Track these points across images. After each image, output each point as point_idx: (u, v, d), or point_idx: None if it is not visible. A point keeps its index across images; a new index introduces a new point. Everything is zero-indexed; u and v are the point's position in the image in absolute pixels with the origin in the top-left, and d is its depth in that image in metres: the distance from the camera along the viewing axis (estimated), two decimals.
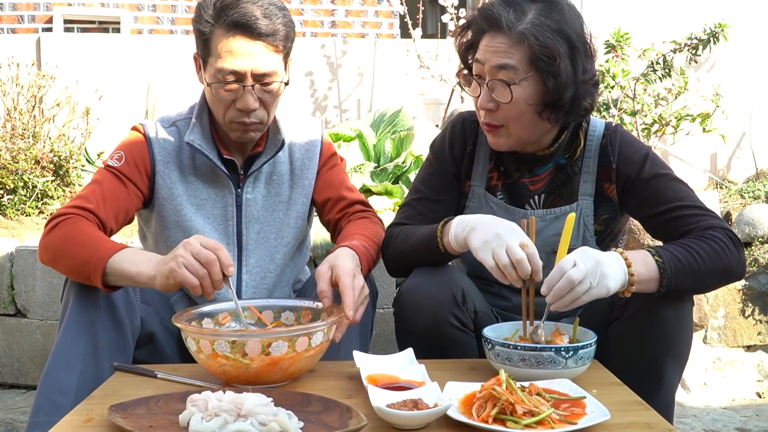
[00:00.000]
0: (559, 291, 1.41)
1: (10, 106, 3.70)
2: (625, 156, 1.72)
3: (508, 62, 1.61)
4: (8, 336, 2.81)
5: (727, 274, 1.57)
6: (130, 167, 1.78)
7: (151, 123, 1.85)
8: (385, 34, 5.61)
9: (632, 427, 1.22)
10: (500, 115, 1.66)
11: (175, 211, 1.80)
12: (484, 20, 1.65)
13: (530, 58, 1.60)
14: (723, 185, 4.21)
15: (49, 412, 1.49)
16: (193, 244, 1.46)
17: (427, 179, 1.85)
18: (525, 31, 1.59)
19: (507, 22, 1.60)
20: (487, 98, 1.65)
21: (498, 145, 1.72)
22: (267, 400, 1.19)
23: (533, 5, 1.63)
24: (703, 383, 2.84)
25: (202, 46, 1.72)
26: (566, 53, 1.60)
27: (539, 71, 1.60)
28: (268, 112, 1.75)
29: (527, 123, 1.66)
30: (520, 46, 1.60)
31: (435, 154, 1.87)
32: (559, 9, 1.63)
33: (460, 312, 1.63)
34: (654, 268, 1.50)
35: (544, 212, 1.76)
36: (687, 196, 1.66)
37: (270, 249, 1.87)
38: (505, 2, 1.64)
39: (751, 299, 3.00)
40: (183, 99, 2.23)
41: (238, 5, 1.65)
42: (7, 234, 3.13)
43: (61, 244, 1.62)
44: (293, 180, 1.89)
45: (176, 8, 5.42)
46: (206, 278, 1.44)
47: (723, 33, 4.03)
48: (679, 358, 1.61)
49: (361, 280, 1.58)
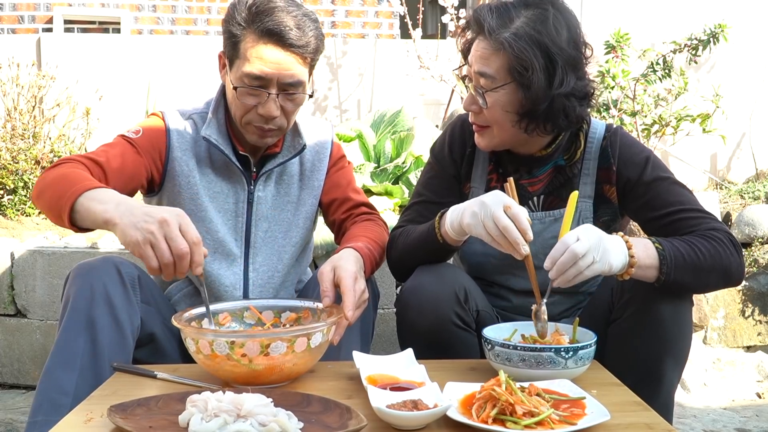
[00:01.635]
0: (562, 265, 1.41)
1: (10, 107, 3.70)
2: (626, 158, 1.72)
3: (486, 70, 1.64)
4: (8, 336, 2.81)
5: (727, 275, 1.57)
6: (147, 144, 1.77)
7: (171, 111, 1.85)
8: (385, 35, 5.61)
9: (632, 427, 1.22)
10: (484, 117, 1.69)
11: (191, 199, 1.81)
12: (474, 23, 1.68)
13: (508, 68, 1.62)
14: (723, 186, 4.20)
15: (48, 411, 1.49)
16: (171, 227, 1.36)
17: (428, 183, 1.87)
18: (504, 40, 1.60)
19: (489, 28, 1.62)
20: (471, 100, 1.71)
21: (481, 145, 1.75)
22: (267, 400, 1.19)
23: (524, 12, 1.63)
24: (703, 384, 2.84)
25: (231, 47, 1.72)
26: (542, 66, 1.60)
27: (515, 81, 1.62)
28: (288, 120, 1.76)
29: (508, 128, 1.68)
30: (498, 55, 1.62)
31: (435, 157, 1.88)
32: (543, 19, 1.61)
33: (463, 311, 1.63)
34: (654, 255, 1.50)
35: (543, 214, 1.76)
36: (688, 199, 1.66)
37: (277, 248, 1.88)
38: (494, 8, 1.65)
39: (751, 300, 3.00)
40: (183, 99, 2.23)
41: (272, 13, 1.66)
42: (7, 234, 3.13)
43: (49, 178, 1.58)
44: (303, 181, 1.91)
45: (176, 8, 5.42)
46: (170, 268, 1.37)
47: (723, 33, 4.03)
48: (678, 358, 1.62)
49: (363, 284, 1.58)
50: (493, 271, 1.80)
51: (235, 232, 1.84)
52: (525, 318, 1.61)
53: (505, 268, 1.77)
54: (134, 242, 1.38)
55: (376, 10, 5.59)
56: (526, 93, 1.61)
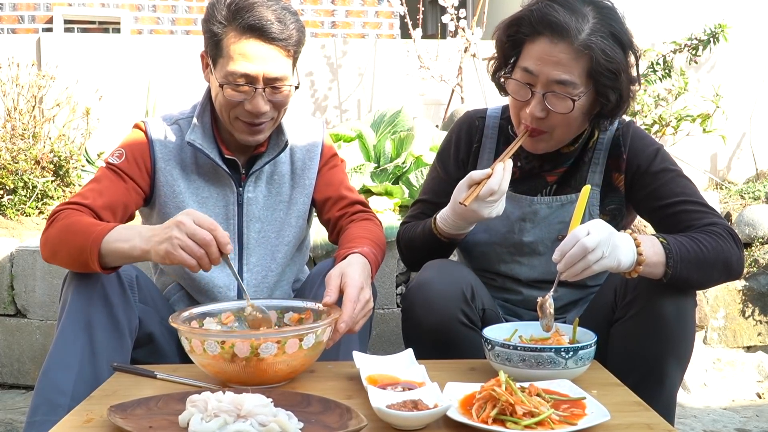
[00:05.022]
0: (571, 258, 1.40)
1: (10, 106, 3.70)
2: (637, 148, 1.72)
3: (566, 78, 1.55)
4: (8, 336, 2.81)
5: (728, 269, 1.58)
6: (130, 164, 1.78)
7: (154, 120, 1.85)
8: (385, 35, 5.61)
9: (632, 427, 1.22)
10: (549, 122, 1.62)
11: (177, 208, 1.81)
12: (543, 24, 1.56)
13: (589, 72, 1.55)
14: (723, 186, 4.20)
15: (46, 411, 1.49)
16: (187, 224, 1.44)
17: (431, 184, 1.90)
18: (590, 43, 1.51)
19: (574, 30, 1.52)
20: (540, 107, 1.60)
21: (537, 149, 1.70)
22: (267, 400, 1.18)
23: (587, 7, 1.56)
24: (703, 384, 2.84)
25: (213, 46, 1.72)
26: (625, 65, 1.55)
27: (597, 84, 1.56)
28: (278, 111, 1.76)
29: (574, 128, 1.66)
30: (581, 59, 1.54)
31: (441, 161, 1.89)
32: (612, 12, 1.55)
33: (469, 309, 1.63)
34: (661, 251, 1.50)
35: (550, 199, 1.75)
36: (692, 192, 1.67)
37: (271, 248, 1.88)
38: (564, 6, 1.55)
39: (751, 300, 3.00)
40: (183, 99, 2.23)
41: (252, 9, 1.66)
42: (7, 234, 3.13)
43: (58, 237, 1.62)
44: (294, 180, 1.90)
45: (176, 8, 5.42)
46: (204, 258, 1.45)
47: (723, 33, 4.03)
48: (681, 359, 1.61)
49: (368, 294, 1.58)
50: (497, 261, 1.80)
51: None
52: (532, 312, 1.60)
53: (509, 256, 1.77)
54: (167, 253, 1.45)
55: (376, 10, 5.60)
56: (610, 94, 1.57)
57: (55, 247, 1.64)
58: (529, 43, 1.61)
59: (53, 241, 1.64)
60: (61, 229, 1.62)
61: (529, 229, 1.75)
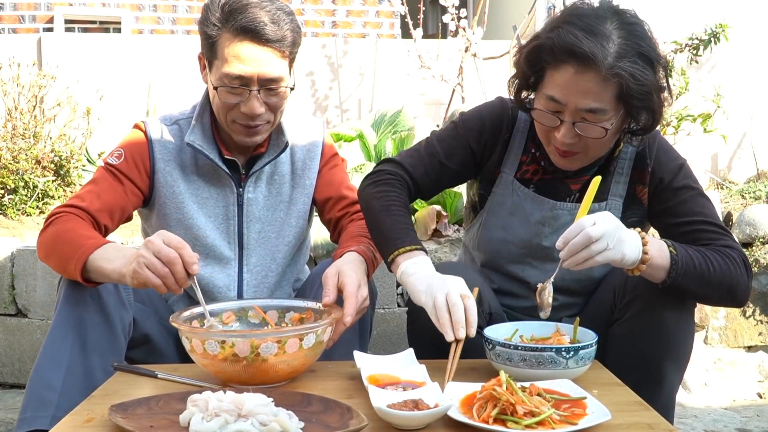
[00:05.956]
0: (575, 246, 1.38)
1: (10, 106, 3.70)
2: (662, 161, 1.70)
3: (596, 106, 1.51)
4: (9, 336, 2.81)
5: (732, 294, 1.57)
6: (129, 165, 1.78)
7: (154, 121, 1.85)
8: (385, 35, 5.61)
9: (633, 427, 1.22)
10: (582, 144, 1.59)
11: (177, 208, 1.81)
12: (567, 53, 1.50)
13: (618, 95, 1.51)
14: (724, 186, 4.20)
15: (35, 407, 1.50)
16: (155, 242, 1.43)
17: (445, 140, 1.79)
18: (619, 70, 1.47)
19: (600, 57, 1.47)
20: (572, 134, 1.56)
21: (572, 167, 1.68)
22: (267, 400, 1.18)
23: (609, 24, 1.51)
24: (704, 384, 2.84)
25: (208, 49, 1.71)
26: (656, 83, 1.52)
27: (629, 107, 1.54)
28: (274, 113, 1.75)
29: (607, 146, 1.64)
30: (610, 85, 1.50)
31: (465, 124, 1.78)
32: (638, 27, 1.52)
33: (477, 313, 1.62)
34: (666, 257, 1.49)
35: (573, 206, 1.72)
36: (711, 213, 1.65)
37: (271, 248, 1.88)
38: (587, 31, 1.49)
39: (752, 300, 3.00)
40: (184, 99, 2.23)
41: (246, 10, 1.65)
42: (8, 234, 3.13)
43: (51, 241, 1.63)
44: (294, 180, 1.90)
45: (177, 8, 5.42)
46: (169, 277, 1.42)
47: (724, 33, 4.03)
48: (680, 360, 1.61)
49: (365, 291, 1.58)
50: (510, 259, 1.77)
51: (228, 235, 1.84)
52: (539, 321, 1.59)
53: (522, 257, 1.76)
54: (134, 272, 1.44)
55: (376, 10, 5.60)
56: (642, 114, 1.55)
57: (47, 251, 1.65)
58: (551, 70, 1.56)
59: (46, 245, 1.65)
60: (53, 235, 1.63)
61: (547, 233, 1.72)
